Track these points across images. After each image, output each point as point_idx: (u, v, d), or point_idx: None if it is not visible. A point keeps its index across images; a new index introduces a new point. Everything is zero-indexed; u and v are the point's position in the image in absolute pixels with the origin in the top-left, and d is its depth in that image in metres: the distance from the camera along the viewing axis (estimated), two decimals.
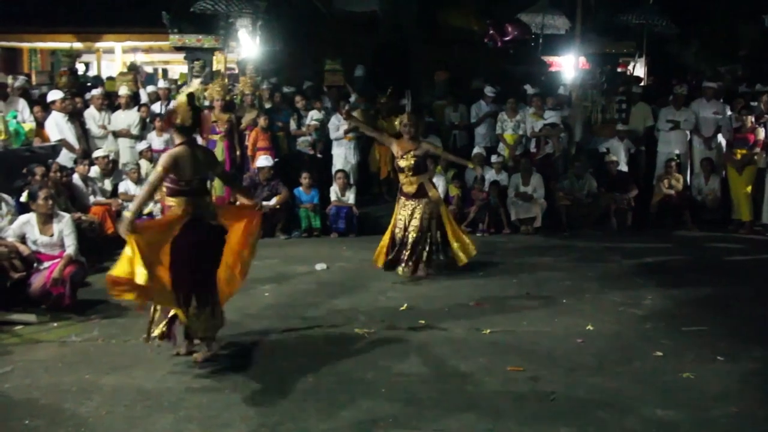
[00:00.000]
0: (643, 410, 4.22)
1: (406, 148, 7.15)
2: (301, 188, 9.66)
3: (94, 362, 4.96)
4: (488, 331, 5.61)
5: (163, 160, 4.80)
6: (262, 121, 10.05)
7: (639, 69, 12.98)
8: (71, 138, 9.55)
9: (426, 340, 5.41)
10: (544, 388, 4.52)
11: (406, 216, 7.21)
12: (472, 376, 4.73)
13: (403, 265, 7.23)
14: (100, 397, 4.39)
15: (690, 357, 5.04)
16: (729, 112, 10.53)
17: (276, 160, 9.84)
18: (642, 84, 12.62)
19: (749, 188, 9.87)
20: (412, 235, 7.15)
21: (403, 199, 7.27)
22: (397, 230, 7.25)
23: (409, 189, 7.20)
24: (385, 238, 7.37)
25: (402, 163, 7.16)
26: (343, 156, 10.56)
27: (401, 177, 7.28)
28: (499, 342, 5.38)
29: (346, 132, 10.47)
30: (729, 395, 4.43)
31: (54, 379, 4.66)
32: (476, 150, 10.43)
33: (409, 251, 7.18)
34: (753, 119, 9.96)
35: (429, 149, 7.35)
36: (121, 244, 4.41)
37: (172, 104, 5.65)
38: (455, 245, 7.31)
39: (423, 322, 5.81)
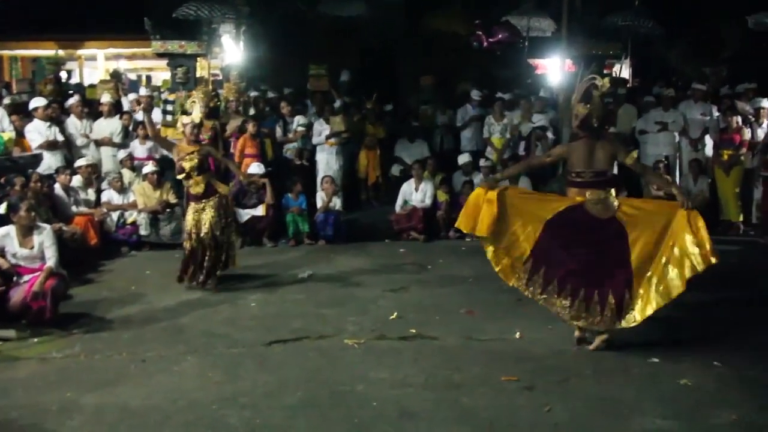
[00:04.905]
0: (640, 419, 4.16)
1: (187, 150, 7.18)
2: (290, 195, 9.51)
3: (76, 379, 4.81)
4: (481, 339, 5.53)
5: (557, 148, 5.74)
6: (251, 128, 9.83)
7: (624, 71, 12.97)
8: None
9: (417, 350, 5.32)
10: (539, 397, 4.44)
11: (195, 221, 7.07)
12: (466, 386, 4.64)
13: (189, 277, 7.17)
14: (82, 416, 4.24)
15: (687, 363, 4.97)
16: (716, 114, 10.54)
17: (269, 169, 9.67)
18: (628, 86, 12.61)
19: (737, 189, 9.88)
20: (205, 243, 7.05)
21: (192, 204, 7.18)
22: (192, 240, 7.09)
23: (197, 189, 7.14)
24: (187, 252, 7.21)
25: (186, 165, 7.12)
26: (326, 161, 10.43)
27: (186, 181, 7.23)
28: (492, 351, 5.29)
29: (328, 137, 10.36)
30: (728, 402, 4.37)
31: (33, 398, 4.50)
32: (465, 158, 10.29)
33: (200, 262, 7.11)
34: (738, 120, 9.99)
35: (210, 151, 7.40)
36: (104, 255, 4.25)
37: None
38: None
39: (414, 331, 5.71)
